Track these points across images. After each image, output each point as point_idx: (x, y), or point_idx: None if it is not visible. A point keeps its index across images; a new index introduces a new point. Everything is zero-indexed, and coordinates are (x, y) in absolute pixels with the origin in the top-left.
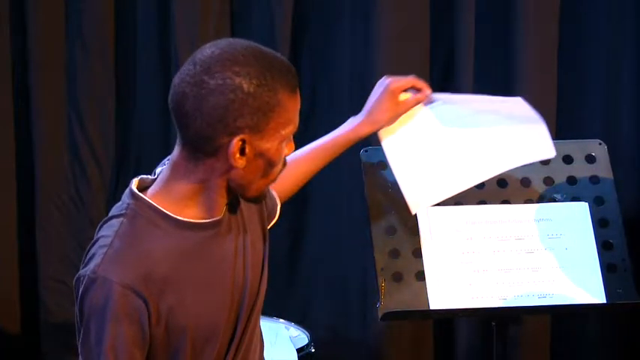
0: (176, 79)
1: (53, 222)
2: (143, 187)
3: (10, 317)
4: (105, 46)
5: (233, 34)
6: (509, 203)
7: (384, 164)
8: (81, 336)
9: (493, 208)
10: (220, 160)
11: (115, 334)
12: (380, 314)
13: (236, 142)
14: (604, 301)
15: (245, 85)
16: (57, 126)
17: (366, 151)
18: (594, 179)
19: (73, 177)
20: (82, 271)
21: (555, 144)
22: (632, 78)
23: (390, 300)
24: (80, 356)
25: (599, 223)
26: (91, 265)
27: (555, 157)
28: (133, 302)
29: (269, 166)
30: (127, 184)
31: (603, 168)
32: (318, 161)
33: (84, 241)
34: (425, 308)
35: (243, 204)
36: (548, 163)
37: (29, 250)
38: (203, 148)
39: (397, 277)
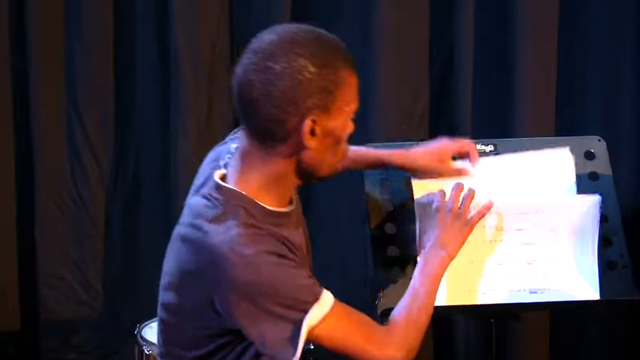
0: (238, 71)
1: (53, 220)
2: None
3: (10, 315)
4: (105, 45)
5: (232, 34)
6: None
7: None
8: (276, 304)
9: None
10: (292, 144)
11: (302, 274)
12: (379, 311)
13: (308, 123)
14: (598, 297)
15: (310, 66)
16: (56, 125)
17: None
18: (593, 176)
19: (72, 176)
20: (232, 260)
21: (554, 141)
22: (632, 77)
23: (389, 297)
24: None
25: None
26: (244, 250)
27: None
28: (283, 249)
29: (337, 144)
30: (126, 182)
31: (602, 164)
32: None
33: (83, 239)
34: None
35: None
36: None
37: (29, 249)
38: (274, 134)
39: (396, 275)
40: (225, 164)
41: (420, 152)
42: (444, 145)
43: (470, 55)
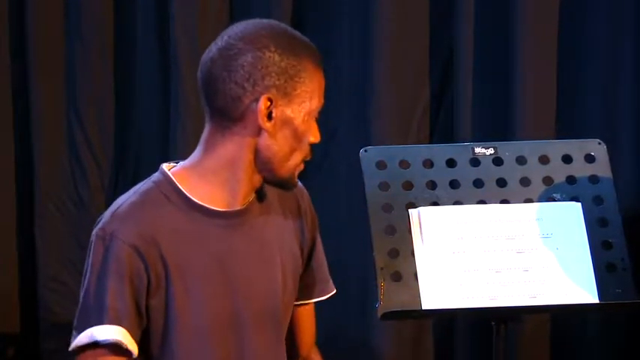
0: (203, 57)
1: (52, 222)
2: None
3: (10, 317)
4: (104, 45)
5: None
6: (509, 203)
7: (383, 164)
8: (82, 292)
9: (484, 207)
10: (248, 125)
11: (116, 290)
12: (379, 314)
13: (264, 100)
14: (596, 300)
15: (273, 47)
16: (56, 126)
17: (366, 150)
18: (593, 179)
19: (72, 177)
20: (94, 228)
21: (554, 144)
22: (632, 77)
23: (389, 300)
24: (78, 314)
25: (599, 223)
26: (100, 223)
27: (555, 156)
28: (135, 263)
29: (295, 138)
30: (126, 182)
31: (602, 167)
32: None
33: (83, 240)
34: (418, 308)
35: (274, 216)
36: (547, 163)
37: (28, 250)
38: (231, 113)
39: (396, 277)
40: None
41: None
42: None
43: (470, 55)
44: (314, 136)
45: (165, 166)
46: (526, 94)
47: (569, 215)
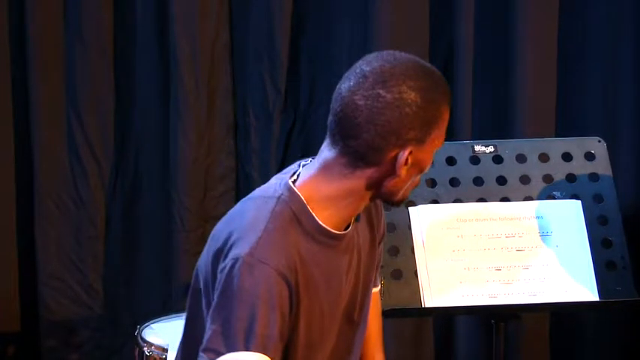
0: (344, 90)
1: (52, 220)
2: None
3: (10, 315)
4: (104, 45)
5: (232, 33)
6: (509, 201)
7: None
8: (221, 320)
9: (484, 205)
10: (382, 169)
11: (267, 318)
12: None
13: (406, 154)
14: (596, 298)
15: (419, 100)
16: (56, 124)
17: None
18: (593, 177)
19: (72, 175)
20: (234, 252)
21: (554, 141)
22: (632, 77)
23: (390, 297)
24: (216, 337)
25: (599, 221)
26: (245, 247)
27: (554, 154)
28: (284, 291)
29: (418, 173)
30: (126, 182)
31: (602, 165)
32: None
33: (83, 239)
34: (419, 306)
35: (360, 226)
36: (547, 161)
37: (28, 248)
38: (368, 159)
39: (396, 275)
40: (306, 166)
41: None
42: None
43: (470, 55)
44: (430, 163)
45: (290, 182)
46: (526, 94)
47: (569, 213)
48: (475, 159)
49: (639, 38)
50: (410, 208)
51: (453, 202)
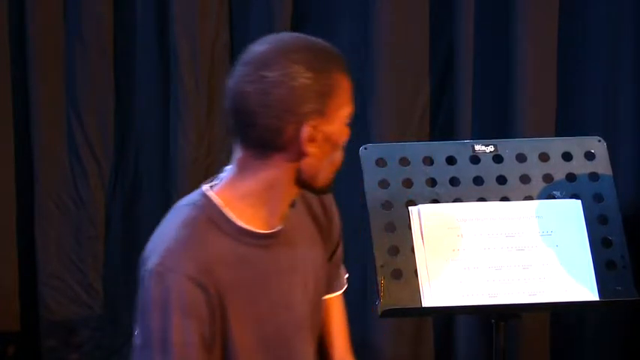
0: (230, 83)
1: (52, 220)
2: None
3: (10, 315)
4: (104, 45)
5: (232, 33)
6: (509, 200)
7: (383, 161)
8: (141, 334)
9: (484, 205)
10: (290, 152)
11: (181, 326)
12: (379, 311)
13: (307, 129)
14: (597, 298)
15: (304, 71)
16: (56, 125)
17: (366, 148)
18: (593, 176)
19: (72, 175)
20: (147, 264)
21: (554, 141)
22: (632, 77)
23: (390, 297)
24: (139, 350)
25: (599, 220)
26: (154, 258)
27: (554, 154)
28: (198, 296)
29: (334, 150)
30: (126, 182)
31: (602, 165)
32: None
33: (83, 239)
34: (418, 306)
35: (297, 219)
36: (547, 160)
37: (28, 249)
38: (272, 143)
39: (396, 275)
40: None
41: None
42: None
43: (470, 55)
44: (347, 135)
45: (205, 188)
46: (526, 94)
47: (569, 213)
48: (475, 158)
49: (639, 38)
50: (410, 208)
51: (453, 201)
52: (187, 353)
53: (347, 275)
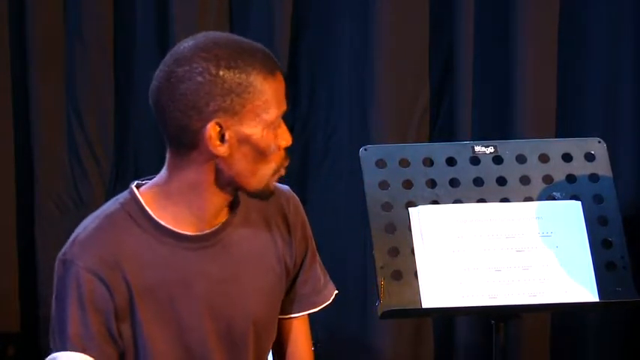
0: (152, 83)
1: (53, 221)
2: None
3: (10, 315)
4: (104, 45)
5: (232, 33)
6: (509, 201)
7: (383, 162)
8: (52, 321)
9: (484, 206)
10: (203, 151)
11: (78, 317)
12: (379, 312)
13: (212, 127)
14: (597, 299)
15: (212, 68)
16: (56, 124)
17: (366, 149)
18: (593, 177)
19: (72, 175)
20: (60, 252)
21: (554, 142)
22: (632, 77)
23: (390, 298)
24: (50, 344)
25: (599, 221)
26: (64, 247)
27: (554, 155)
28: (97, 289)
29: (259, 153)
30: (126, 182)
31: (602, 166)
32: None
33: None
34: (418, 307)
35: (250, 231)
36: (547, 161)
37: (28, 248)
38: (182, 140)
39: (396, 276)
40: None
41: None
42: None
43: (470, 55)
44: (285, 140)
45: (134, 185)
46: (526, 94)
47: (569, 214)
48: (475, 159)
49: (639, 38)
50: (410, 209)
51: (453, 202)
52: (87, 344)
53: (328, 302)
